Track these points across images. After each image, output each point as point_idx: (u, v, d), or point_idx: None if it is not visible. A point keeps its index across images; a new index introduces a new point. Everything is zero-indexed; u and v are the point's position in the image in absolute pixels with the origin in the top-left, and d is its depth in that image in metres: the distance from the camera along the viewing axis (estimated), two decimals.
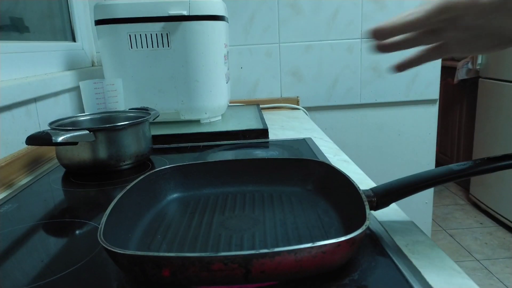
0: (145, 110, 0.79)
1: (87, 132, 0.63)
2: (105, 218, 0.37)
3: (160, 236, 0.42)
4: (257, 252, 0.30)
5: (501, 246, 1.98)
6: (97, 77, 1.13)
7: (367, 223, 0.34)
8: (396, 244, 0.40)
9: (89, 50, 1.24)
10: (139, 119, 0.70)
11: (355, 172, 0.65)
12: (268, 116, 1.16)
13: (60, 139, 0.59)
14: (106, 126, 0.66)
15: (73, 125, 0.74)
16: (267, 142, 0.84)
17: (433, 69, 1.33)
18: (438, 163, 1.49)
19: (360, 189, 0.41)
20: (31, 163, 0.74)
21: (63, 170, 0.71)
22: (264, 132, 0.87)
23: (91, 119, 0.77)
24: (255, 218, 0.45)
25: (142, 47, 0.92)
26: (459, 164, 0.43)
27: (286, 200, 0.50)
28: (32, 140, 0.59)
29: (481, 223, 2.23)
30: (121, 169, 0.68)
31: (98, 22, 0.92)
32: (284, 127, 1.02)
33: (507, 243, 2.01)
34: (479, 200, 2.36)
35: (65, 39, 1.16)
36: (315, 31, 1.29)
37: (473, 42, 0.40)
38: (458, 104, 2.64)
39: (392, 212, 0.49)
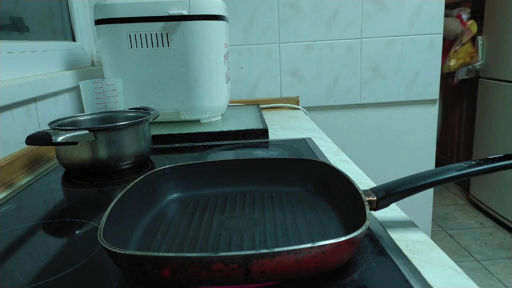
0: (145, 110, 0.79)
1: (87, 132, 0.63)
2: (105, 218, 0.37)
3: (160, 236, 0.42)
4: (257, 252, 0.30)
5: (501, 247, 1.98)
6: (97, 77, 1.13)
7: (367, 223, 0.34)
8: (396, 244, 0.40)
9: (89, 50, 1.24)
10: (139, 119, 0.70)
11: (355, 172, 0.65)
12: (268, 116, 1.16)
13: (60, 139, 0.59)
14: (106, 126, 0.66)
15: (73, 125, 0.74)
16: (267, 142, 0.84)
17: (433, 69, 1.33)
18: (438, 163, 1.49)
19: (360, 189, 0.41)
20: (31, 163, 0.74)
21: (63, 170, 0.71)
22: (264, 132, 0.87)
23: (91, 119, 0.77)
24: (255, 218, 0.45)
25: (142, 47, 0.91)
26: (459, 164, 0.43)
27: (286, 200, 0.50)
28: (32, 140, 0.59)
29: (481, 223, 2.23)
30: (121, 169, 0.68)
31: (98, 22, 0.92)
32: (284, 127, 1.02)
33: (507, 243, 2.01)
34: (479, 200, 2.36)
35: (65, 39, 1.16)
36: (315, 31, 1.29)
37: None
38: (458, 104, 2.64)
39: (392, 212, 0.49)
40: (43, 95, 0.83)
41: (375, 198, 0.43)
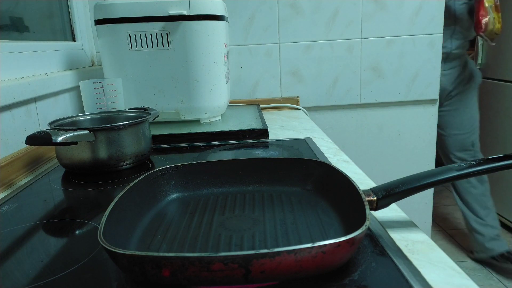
0: (145, 110, 0.79)
1: (87, 132, 0.63)
2: (105, 218, 0.37)
3: (160, 236, 0.42)
4: (257, 252, 0.30)
5: None
6: (97, 77, 1.13)
7: (367, 223, 0.34)
8: (396, 244, 0.40)
9: (89, 50, 1.24)
10: (139, 119, 0.70)
11: (355, 172, 0.65)
12: (268, 116, 1.16)
13: (60, 139, 0.59)
14: (106, 126, 0.66)
15: (73, 125, 0.74)
16: (267, 142, 0.84)
17: (433, 69, 1.33)
18: (438, 163, 1.49)
19: (360, 189, 0.41)
20: (31, 163, 0.74)
21: (63, 170, 0.71)
22: (264, 132, 0.87)
23: (91, 119, 0.77)
24: (255, 218, 0.45)
25: (142, 47, 0.91)
26: (459, 164, 0.43)
27: (286, 200, 0.50)
28: (32, 140, 0.59)
29: None
30: (121, 169, 0.68)
31: (98, 22, 0.92)
32: (284, 127, 1.02)
33: (507, 243, 2.00)
34: None
35: (65, 39, 1.16)
36: (315, 31, 1.29)
37: None
38: None
39: (392, 212, 0.49)
40: (43, 95, 0.83)
41: (375, 198, 0.43)
